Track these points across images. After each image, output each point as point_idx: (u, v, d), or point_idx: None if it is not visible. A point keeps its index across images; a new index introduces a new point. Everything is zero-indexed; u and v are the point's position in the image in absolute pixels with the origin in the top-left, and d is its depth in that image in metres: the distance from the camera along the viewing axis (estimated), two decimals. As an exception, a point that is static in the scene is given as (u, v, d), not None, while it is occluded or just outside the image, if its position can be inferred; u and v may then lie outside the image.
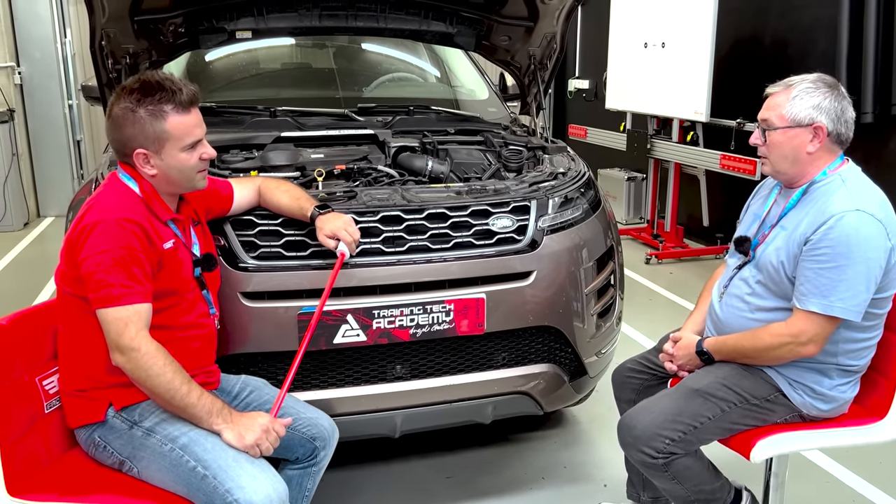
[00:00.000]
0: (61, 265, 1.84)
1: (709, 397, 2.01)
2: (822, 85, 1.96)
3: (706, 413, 2.00)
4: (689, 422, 1.99)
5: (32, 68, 7.04)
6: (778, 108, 1.97)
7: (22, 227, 6.84)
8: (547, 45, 3.22)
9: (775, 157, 2.01)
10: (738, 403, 2.01)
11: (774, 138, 1.98)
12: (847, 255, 1.86)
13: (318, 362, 2.32)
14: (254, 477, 1.72)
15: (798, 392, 2.02)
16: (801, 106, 1.94)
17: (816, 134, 1.95)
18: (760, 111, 2.03)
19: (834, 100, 1.95)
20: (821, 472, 2.85)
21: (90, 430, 1.85)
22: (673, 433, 1.98)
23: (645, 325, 4.21)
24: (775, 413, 2.04)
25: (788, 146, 1.97)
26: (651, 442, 1.98)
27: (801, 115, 1.94)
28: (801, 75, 1.99)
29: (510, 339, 2.48)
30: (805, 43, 4.95)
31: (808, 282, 1.90)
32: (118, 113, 1.83)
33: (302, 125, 3.01)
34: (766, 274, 2.02)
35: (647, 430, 2.00)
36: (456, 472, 2.86)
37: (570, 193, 2.62)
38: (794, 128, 1.95)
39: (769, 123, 1.99)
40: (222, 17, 3.10)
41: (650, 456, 1.99)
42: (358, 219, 2.30)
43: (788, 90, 1.97)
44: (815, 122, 1.94)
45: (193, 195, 2.04)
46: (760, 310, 2.04)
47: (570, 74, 7.91)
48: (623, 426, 2.07)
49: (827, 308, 1.88)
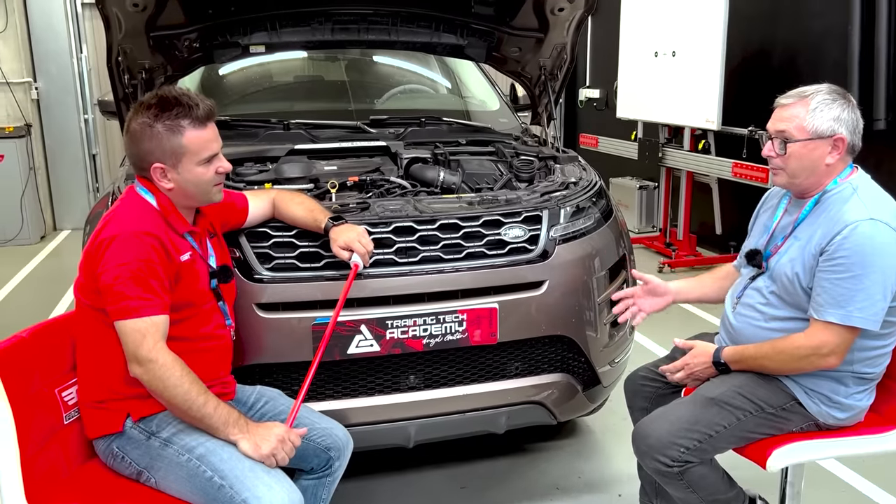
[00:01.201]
0: (80, 278, 1.87)
1: (724, 406, 2.00)
2: (837, 96, 1.95)
3: (722, 422, 1.99)
4: (705, 430, 1.98)
5: (49, 84, 7.13)
6: (796, 119, 1.95)
7: (38, 241, 6.91)
8: (557, 55, 3.24)
9: (793, 169, 1.99)
10: (753, 412, 2.00)
11: (795, 150, 1.96)
12: (863, 264, 1.85)
13: (332, 373, 2.34)
14: (270, 487, 1.74)
15: (814, 400, 2.01)
16: (823, 118, 1.93)
17: (836, 146, 1.94)
18: (772, 122, 2.01)
19: (851, 111, 1.95)
20: (837, 482, 2.83)
21: (108, 441, 1.87)
22: (688, 442, 1.97)
23: (658, 334, 4.20)
24: (791, 422, 2.03)
25: (808, 158, 1.96)
26: (666, 450, 1.97)
27: (822, 128, 1.93)
28: (813, 86, 1.98)
29: (523, 349, 2.48)
30: (816, 50, 4.94)
31: (826, 292, 1.89)
32: (136, 128, 1.86)
33: (315, 137, 3.04)
34: (781, 285, 2.02)
35: (662, 438, 1.98)
36: (470, 483, 2.86)
37: (581, 203, 2.63)
38: (815, 140, 1.94)
39: (788, 135, 1.96)
40: (236, 32, 3.13)
41: (665, 464, 1.98)
42: (371, 230, 2.32)
43: (805, 101, 1.95)
44: (836, 133, 1.93)
45: (210, 208, 2.06)
46: (775, 319, 2.04)
47: (581, 84, 7.92)
48: (638, 435, 2.06)
49: (846, 318, 1.87)
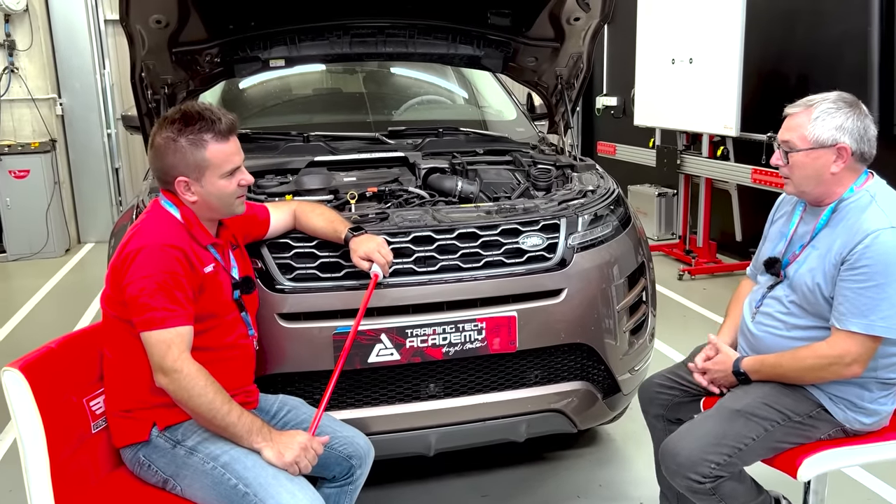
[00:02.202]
0: (107, 289, 1.91)
1: (751, 417, 1.98)
2: (843, 105, 1.95)
3: (750, 434, 1.96)
4: (734, 444, 1.95)
5: (73, 99, 7.26)
6: (799, 129, 1.96)
7: (63, 254, 7.03)
8: (574, 64, 3.26)
9: (798, 178, 2.00)
10: (780, 422, 1.98)
11: (797, 159, 1.97)
12: (885, 273, 1.85)
13: (353, 381, 2.36)
14: (293, 494, 1.76)
15: (840, 407, 2.00)
16: (824, 127, 1.93)
17: (840, 154, 1.94)
18: (780, 132, 2.02)
19: (856, 119, 1.94)
20: (861, 488, 2.80)
21: (135, 450, 1.90)
22: (718, 457, 1.94)
23: (679, 341, 4.18)
24: (818, 429, 2.01)
25: (811, 167, 1.97)
26: (697, 468, 1.94)
27: (824, 136, 1.93)
28: (821, 94, 1.98)
29: (542, 357, 2.49)
30: (835, 55, 4.91)
31: (848, 301, 1.88)
32: (160, 142, 1.91)
33: (334, 149, 3.08)
34: (801, 294, 2.01)
35: (691, 455, 1.95)
36: (491, 491, 2.86)
37: (599, 211, 2.64)
38: (816, 149, 1.95)
39: (791, 145, 1.98)
40: (256, 47, 3.19)
41: (697, 482, 1.94)
42: (390, 240, 2.34)
43: (809, 111, 1.96)
44: (838, 142, 1.93)
45: (232, 220, 2.10)
46: (796, 328, 2.03)
47: (598, 92, 7.93)
48: (666, 453, 2.01)
49: (868, 328, 1.86)
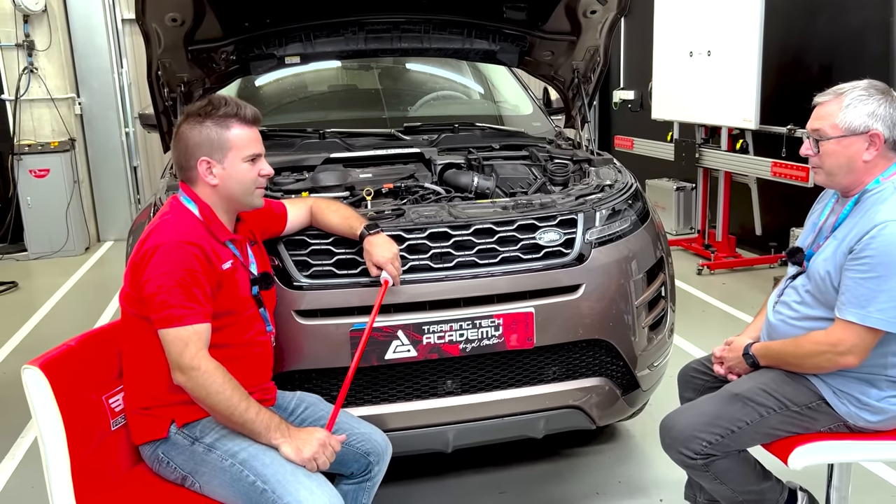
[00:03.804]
0: (125, 287, 1.91)
1: (747, 402, 2.02)
2: (874, 92, 1.92)
3: (744, 418, 2.01)
4: (726, 425, 2.01)
5: (91, 98, 7.33)
6: (830, 117, 1.94)
7: (83, 252, 7.10)
8: (590, 58, 3.23)
9: (830, 167, 1.97)
10: (777, 409, 2.01)
11: (828, 148, 1.95)
12: (888, 265, 1.83)
13: (370, 378, 2.36)
14: (311, 491, 1.76)
15: (843, 401, 1.98)
16: (856, 114, 1.91)
17: (873, 142, 1.92)
18: (810, 121, 2.00)
19: (889, 106, 1.91)
20: (887, 487, 2.76)
21: (154, 447, 1.91)
22: (710, 436, 2.01)
23: (699, 337, 4.15)
24: (818, 421, 2.01)
25: (843, 155, 1.94)
26: (688, 443, 2.02)
27: (856, 123, 1.91)
28: (851, 83, 1.95)
29: (560, 353, 2.47)
30: (857, 45, 4.84)
31: (848, 291, 1.88)
32: (185, 127, 1.95)
33: (350, 146, 3.08)
34: (815, 283, 2.00)
35: (684, 431, 2.03)
36: (509, 488, 2.85)
37: (617, 205, 2.62)
38: (848, 136, 1.92)
39: (822, 133, 1.95)
40: (272, 44, 3.19)
41: (688, 457, 2.03)
42: (406, 236, 2.34)
43: (840, 98, 1.94)
44: (870, 129, 1.91)
45: (250, 216, 2.11)
46: (806, 318, 2.03)
47: (615, 85, 7.87)
48: (663, 427, 2.11)
49: (864, 318, 1.85)
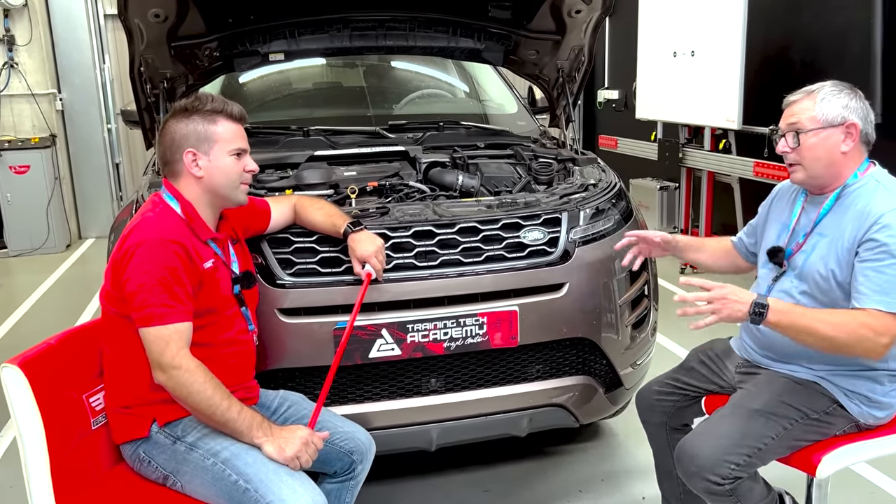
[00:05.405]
0: (106, 285, 1.90)
1: (770, 416, 1.94)
2: (843, 88, 1.98)
3: (769, 433, 1.93)
4: (754, 444, 1.92)
5: (73, 94, 7.25)
6: (807, 111, 1.97)
7: (64, 249, 7.03)
8: (575, 57, 3.24)
9: (810, 161, 1.99)
10: (799, 420, 1.96)
11: (808, 141, 1.97)
12: None
13: (354, 377, 2.35)
14: (294, 489, 1.75)
15: (854, 402, 1.99)
16: (832, 107, 1.95)
17: (849, 132, 1.95)
18: (784, 119, 2.02)
19: (859, 100, 1.97)
20: (863, 482, 2.80)
21: (135, 446, 1.89)
22: (738, 458, 1.90)
23: (681, 335, 4.17)
24: (834, 426, 1.99)
25: (822, 147, 1.96)
26: (717, 469, 1.89)
27: (832, 115, 1.95)
28: (818, 83, 2.00)
29: (544, 352, 2.48)
30: (838, 46, 4.88)
31: (869, 281, 1.85)
32: (172, 121, 1.95)
33: (334, 143, 3.06)
34: (813, 283, 1.99)
35: (711, 456, 1.90)
36: (493, 486, 2.86)
37: (601, 204, 2.63)
38: (826, 128, 1.95)
39: (800, 126, 1.97)
40: (256, 41, 3.17)
41: (716, 483, 1.89)
42: (390, 234, 2.33)
43: (812, 95, 1.98)
44: (847, 120, 1.95)
45: (232, 213, 2.09)
46: None
47: (600, 85, 7.90)
48: (685, 455, 1.95)
49: (891, 305, 1.82)
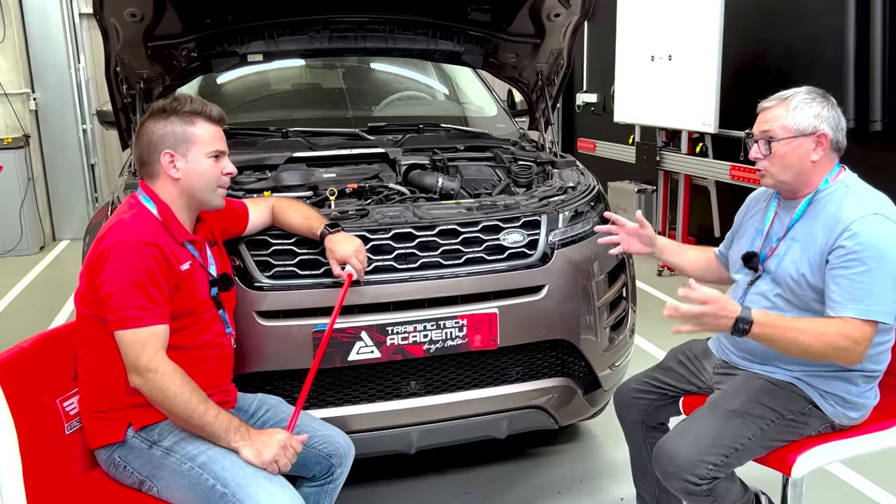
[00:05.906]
0: (81, 288, 1.87)
1: (747, 417, 1.97)
2: (816, 95, 2.00)
3: (746, 433, 1.95)
4: (731, 444, 1.94)
5: (47, 94, 7.14)
6: (779, 119, 1.99)
7: (38, 251, 6.91)
8: (554, 61, 3.25)
9: (778, 168, 2.01)
10: (775, 420, 1.98)
11: (779, 149, 1.99)
12: (876, 258, 1.85)
13: (333, 379, 2.34)
14: (272, 493, 1.73)
15: (829, 403, 2.01)
16: (803, 116, 1.97)
17: (820, 142, 1.98)
18: (757, 125, 2.05)
19: (831, 108, 1.99)
20: (838, 482, 2.83)
21: (110, 451, 1.87)
22: (716, 458, 1.92)
23: (659, 337, 4.20)
24: (809, 426, 2.02)
25: (793, 156, 1.99)
26: (695, 469, 1.91)
27: (804, 124, 1.97)
28: (793, 89, 2.02)
29: (523, 354, 2.48)
30: (813, 52, 4.96)
31: (841, 289, 1.87)
32: (150, 122, 1.93)
33: (314, 145, 3.05)
34: (786, 287, 2.02)
35: (689, 457, 1.92)
36: (473, 488, 2.85)
37: (580, 207, 2.64)
38: (798, 137, 1.98)
39: (772, 134, 2.00)
40: (234, 41, 3.15)
41: (694, 483, 1.91)
42: (370, 236, 2.33)
43: (786, 103, 2.00)
44: (818, 130, 1.97)
45: (210, 216, 2.07)
46: None
47: (578, 88, 7.94)
48: (663, 456, 1.97)
49: (864, 312, 1.85)
